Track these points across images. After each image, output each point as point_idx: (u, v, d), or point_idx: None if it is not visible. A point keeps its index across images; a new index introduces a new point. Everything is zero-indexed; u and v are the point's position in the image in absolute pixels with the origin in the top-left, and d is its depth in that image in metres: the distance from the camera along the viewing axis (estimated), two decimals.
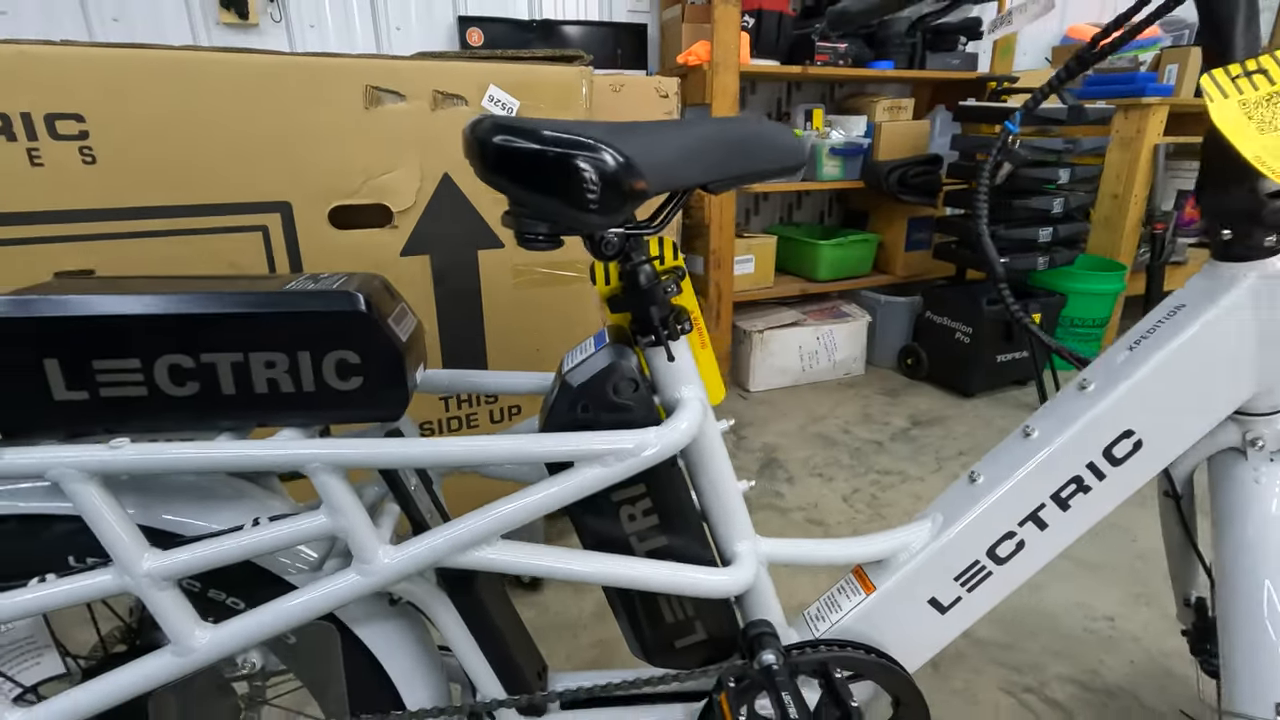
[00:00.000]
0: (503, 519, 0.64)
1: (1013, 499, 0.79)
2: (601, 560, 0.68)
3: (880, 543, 0.81)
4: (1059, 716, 1.29)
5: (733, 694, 0.61)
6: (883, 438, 2.42)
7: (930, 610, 0.82)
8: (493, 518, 0.64)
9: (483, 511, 0.64)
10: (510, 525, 0.64)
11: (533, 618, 1.58)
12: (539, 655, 0.86)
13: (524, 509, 0.64)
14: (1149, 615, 1.54)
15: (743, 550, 0.76)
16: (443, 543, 0.64)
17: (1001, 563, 0.81)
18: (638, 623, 0.77)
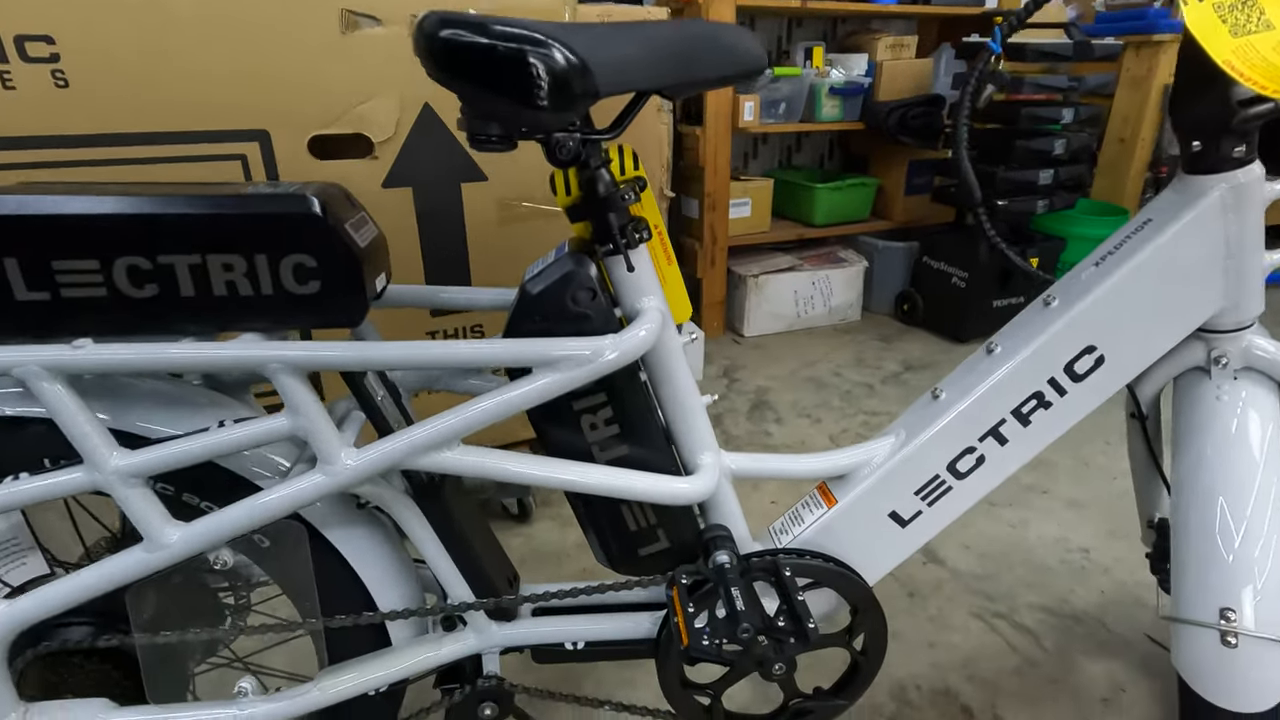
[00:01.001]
0: (463, 422, 0.65)
1: (974, 414, 0.80)
2: (561, 466, 0.70)
3: (843, 457, 0.83)
4: (1026, 639, 1.33)
5: (684, 590, 0.63)
6: (874, 381, 2.43)
7: (890, 524, 0.84)
8: (453, 421, 0.65)
9: (443, 415, 0.66)
10: (470, 428, 0.66)
11: (519, 546, 1.63)
12: (509, 565, 0.89)
13: (483, 412, 0.65)
14: (1123, 549, 1.57)
15: (705, 461, 0.77)
16: (404, 445, 0.65)
17: (961, 477, 0.82)
18: (602, 530, 0.79)
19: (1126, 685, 1.23)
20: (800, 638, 0.56)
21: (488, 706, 0.83)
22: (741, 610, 0.58)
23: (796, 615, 0.58)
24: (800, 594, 0.60)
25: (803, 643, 0.56)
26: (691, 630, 0.57)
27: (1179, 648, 0.79)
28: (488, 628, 0.83)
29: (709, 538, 0.68)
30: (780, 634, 0.57)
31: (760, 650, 0.54)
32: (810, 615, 0.58)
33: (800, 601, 0.59)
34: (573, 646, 0.86)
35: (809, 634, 0.56)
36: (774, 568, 0.65)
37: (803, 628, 0.57)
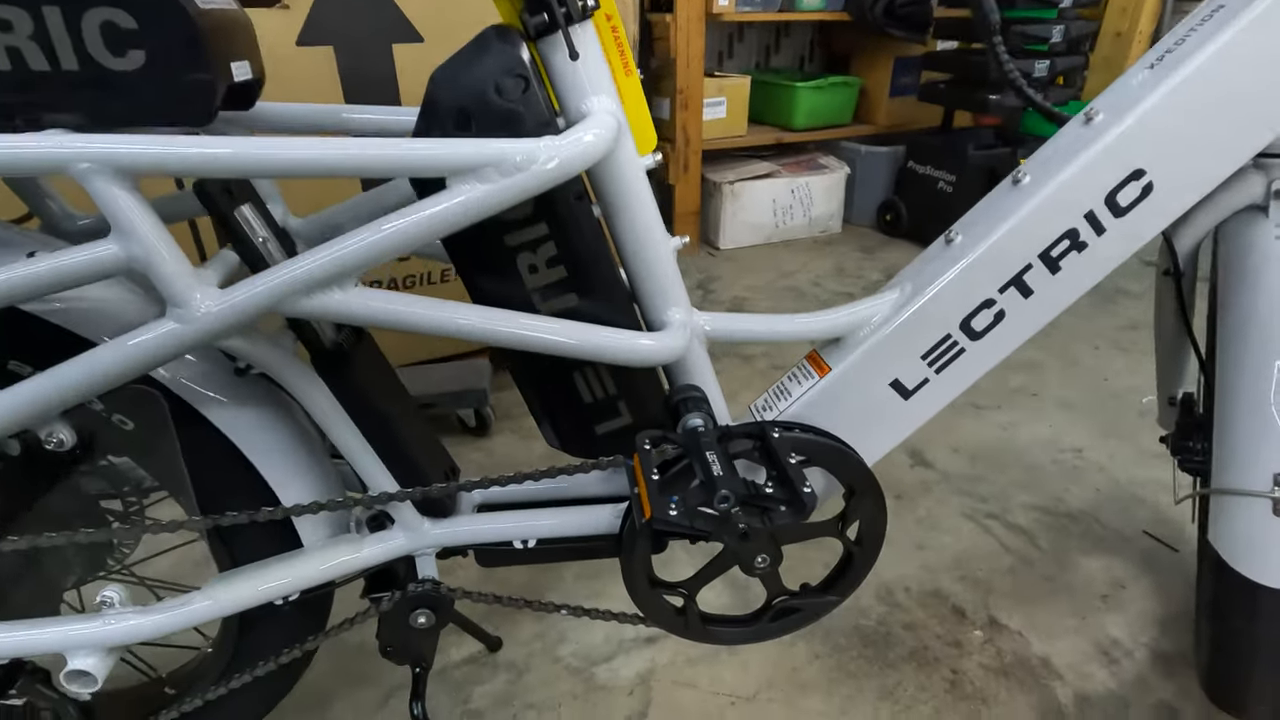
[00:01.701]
0: (356, 253, 0.50)
1: (994, 260, 0.67)
2: (494, 315, 0.55)
3: (838, 317, 0.69)
4: (1020, 538, 1.25)
5: (646, 456, 0.50)
6: (855, 289, 2.31)
7: (892, 395, 0.71)
8: (342, 250, 0.50)
9: (330, 244, 0.50)
10: (365, 260, 0.51)
11: (478, 461, 1.50)
12: (447, 457, 0.75)
13: (382, 240, 0.50)
14: (1117, 447, 1.50)
15: (674, 318, 0.63)
16: (279, 282, 0.50)
17: (976, 338, 0.70)
18: (550, 404, 0.65)
19: (1126, 581, 1.16)
20: (794, 506, 0.44)
21: (421, 614, 0.71)
22: (719, 475, 0.46)
23: (788, 479, 0.46)
24: (793, 457, 0.48)
25: (797, 511, 0.44)
26: (656, 499, 0.45)
27: (1220, 524, 0.69)
28: (419, 525, 0.70)
29: (678, 400, 0.55)
30: (768, 502, 0.45)
31: (743, 525, 0.42)
32: (805, 480, 0.46)
33: (793, 465, 0.47)
34: (523, 545, 0.73)
35: (804, 500, 0.44)
36: (759, 433, 0.52)
37: (796, 493, 0.44)
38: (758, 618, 0.74)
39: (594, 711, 0.96)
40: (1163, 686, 0.98)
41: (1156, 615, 1.09)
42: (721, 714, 0.95)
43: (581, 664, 1.03)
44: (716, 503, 0.45)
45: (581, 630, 1.08)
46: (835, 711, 0.95)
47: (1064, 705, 0.96)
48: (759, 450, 0.52)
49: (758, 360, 1.85)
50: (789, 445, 0.50)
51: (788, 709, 0.96)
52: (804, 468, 0.63)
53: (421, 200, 0.51)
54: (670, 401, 0.55)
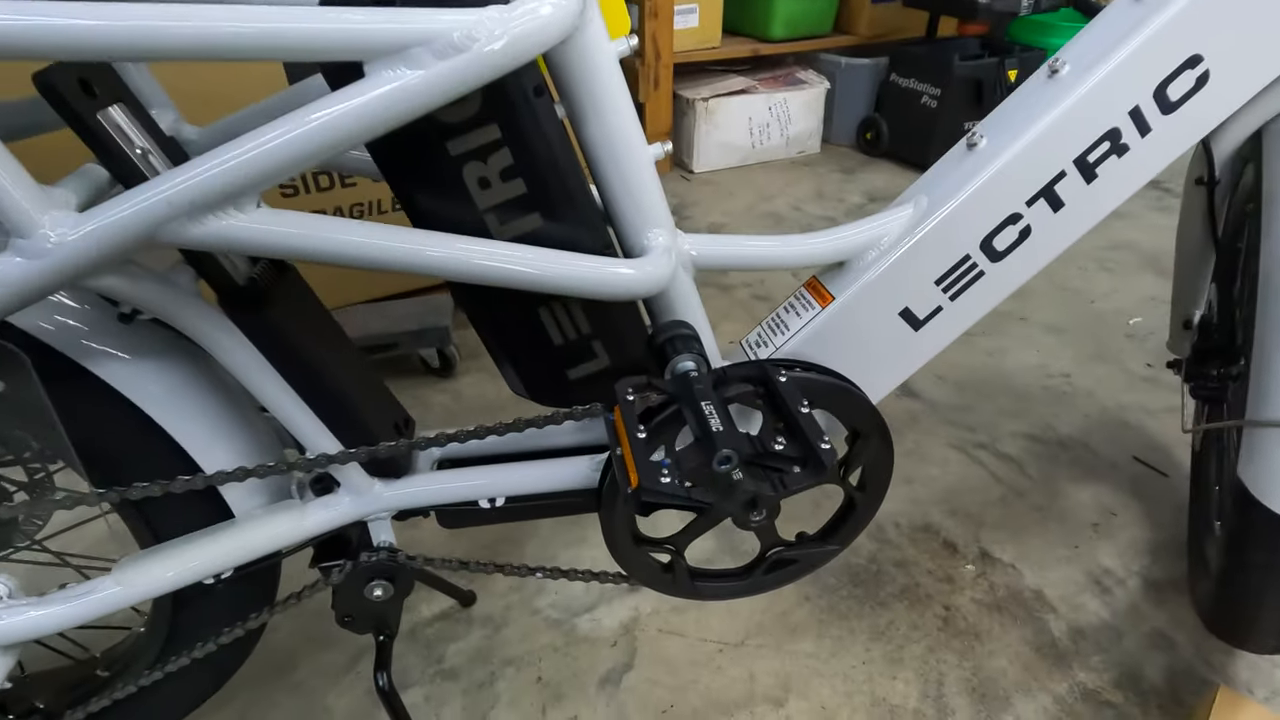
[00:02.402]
0: (249, 165, 0.39)
1: (1024, 166, 0.58)
2: (436, 242, 0.45)
3: (844, 238, 0.60)
4: (1010, 468, 1.22)
5: (630, 410, 0.42)
6: (837, 214, 2.21)
7: (901, 325, 0.63)
8: (232, 161, 0.39)
9: (219, 150, 0.39)
10: (262, 175, 0.40)
11: (444, 404, 1.41)
12: (398, 408, 0.66)
13: (281, 147, 0.39)
14: (1105, 371, 1.46)
15: (656, 242, 0.54)
16: (153, 204, 0.39)
17: (997, 259, 0.61)
18: (514, 347, 0.56)
19: (1116, 509, 1.13)
20: (810, 465, 0.36)
21: (377, 586, 0.63)
22: (718, 431, 0.37)
23: (801, 432, 0.38)
24: (804, 405, 0.40)
25: (814, 471, 0.36)
26: (644, 464, 0.37)
27: (1255, 457, 0.63)
28: (369, 488, 0.61)
29: (665, 339, 0.46)
30: (778, 461, 0.37)
31: (750, 492, 0.34)
32: (821, 433, 0.38)
33: (805, 415, 0.39)
34: (490, 504, 0.65)
35: (823, 458, 0.36)
36: (762, 376, 0.44)
37: (812, 450, 0.37)
38: (751, 570, 0.68)
39: (576, 665, 0.91)
40: (1155, 615, 0.96)
41: (1147, 542, 1.07)
42: (710, 662, 0.91)
43: (562, 615, 0.98)
44: (716, 464, 0.37)
45: (561, 584, 1.03)
46: (826, 654, 0.92)
47: (1058, 638, 0.94)
48: (762, 397, 0.44)
49: (737, 289, 1.76)
50: (796, 389, 0.42)
51: (778, 654, 0.92)
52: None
53: (334, 93, 0.40)
54: (655, 341, 0.46)
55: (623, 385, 0.44)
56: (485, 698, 0.88)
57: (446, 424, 1.37)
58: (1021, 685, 0.88)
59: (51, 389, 0.47)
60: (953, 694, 0.87)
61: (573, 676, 0.90)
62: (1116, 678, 0.89)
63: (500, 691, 0.88)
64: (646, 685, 0.89)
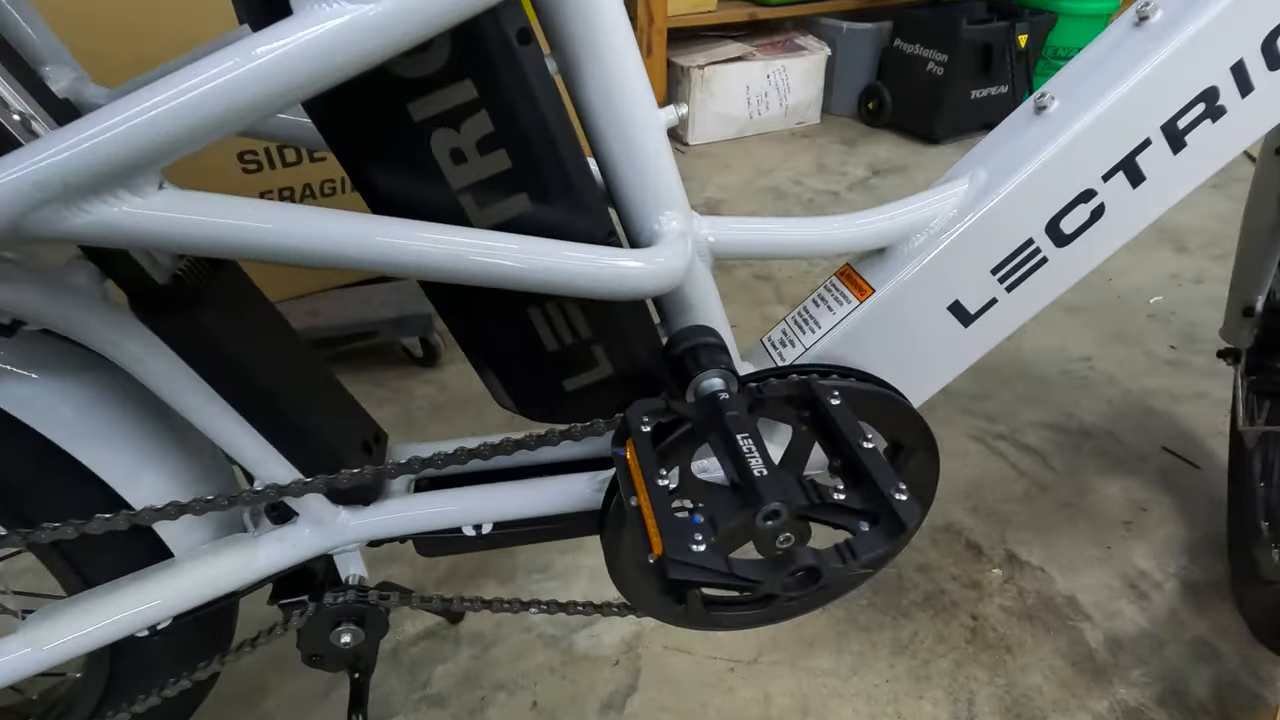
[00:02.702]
0: (146, 130, 0.29)
1: (1103, 134, 0.49)
2: (396, 231, 0.36)
3: (889, 220, 0.51)
4: (1033, 461, 1.14)
5: (644, 442, 0.33)
6: (839, 188, 2.11)
7: (950, 321, 0.55)
8: (124, 124, 0.29)
9: (100, 114, 0.29)
10: (163, 146, 0.30)
11: (429, 396, 1.31)
12: (365, 420, 0.57)
13: (186, 106, 0.29)
14: (1127, 353, 1.38)
15: (669, 227, 0.44)
16: (16, 182, 0.29)
17: (1064, 243, 0.53)
18: (497, 354, 0.47)
19: (1148, 504, 1.06)
20: (885, 521, 0.27)
21: (345, 631, 0.54)
22: (761, 476, 0.29)
23: (869, 478, 0.29)
24: (867, 439, 0.31)
25: (890, 531, 0.27)
26: (670, 525, 0.28)
27: None
28: (332, 518, 0.52)
29: (685, 350, 0.37)
30: (842, 517, 0.29)
31: (810, 563, 0.26)
32: (894, 478, 0.29)
33: (871, 451, 0.30)
34: (475, 531, 0.57)
35: (901, 514, 0.27)
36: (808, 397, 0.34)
37: (885, 502, 0.28)
38: (774, 597, 0.60)
39: (575, 688, 0.84)
40: (1196, 622, 0.90)
41: (1183, 541, 1.00)
42: (720, 682, 0.84)
43: (558, 631, 0.90)
44: (760, 520, 0.29)
45: (557, 591, 0.95)
46: (847, 671, 0.85)
47: (1095, 649, 0.87)
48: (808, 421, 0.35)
49: (736, 268, 1.66)
50: (853, 413, 0.33)
51: (794, 672, 0.85)
52: None
53: (250, 37, 0.30)
54: (673, 352, 0.37)
55: (636, 413, 0.35)
56: None
57: (432, 418, 1.28)
58: (1059, 703, 0.81)
59: None
60: (985, 714, 0.80)
61: (571, 701, 0.82)
62: (1160, 693, 0.82)
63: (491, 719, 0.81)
64: (652, 710, 0.81)
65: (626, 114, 0.41)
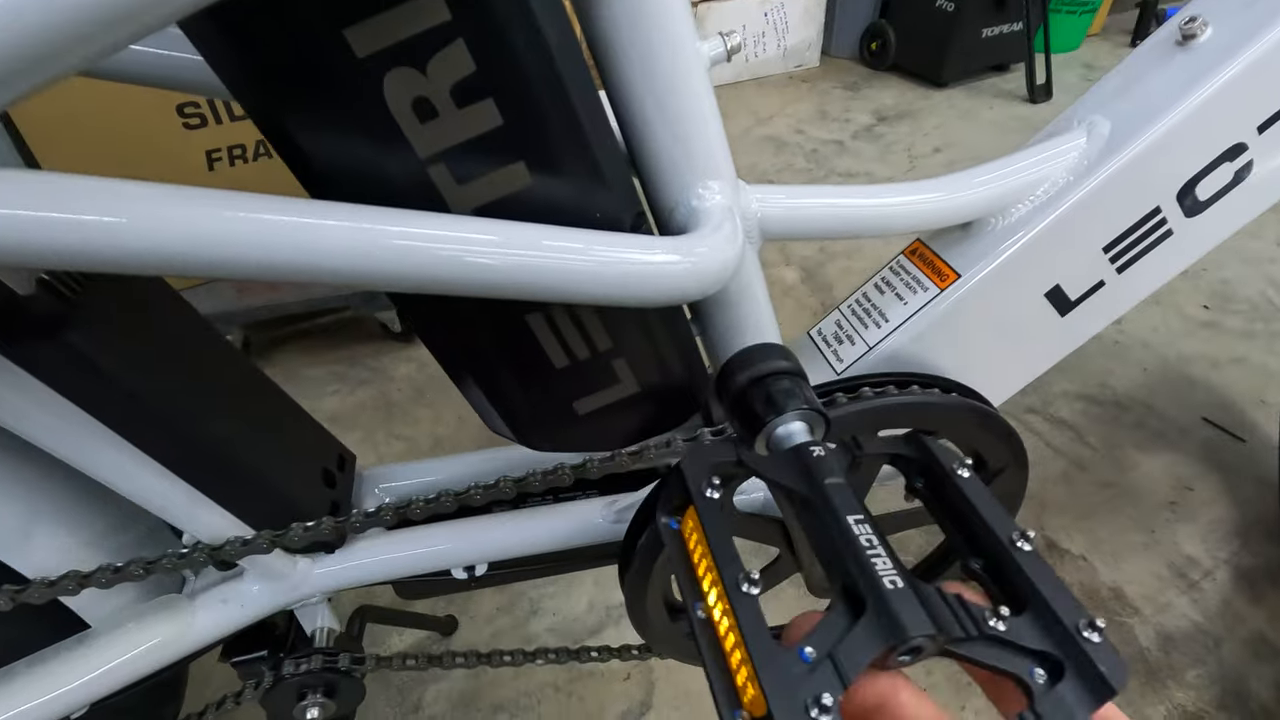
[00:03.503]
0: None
1: (1270, 70, 0.38)
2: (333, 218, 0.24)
3: (983, 186, 0.40)
4: (1067, 437, 1.06)
5: (714, 517, 0.22)
6: (843, 137, 1.98)
7: (1046, 310, 0.44)
8: None
9: None
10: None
11: (410, 375, 1.20)
12: (324, 443, 0.46)
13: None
14: (1160, 315, 1.29)
15: (711, 204, 0.33)
16: None
17: (1195, 211, 0.42)
18: (489, 374, 0.36)
19: (1191, 481, 0.99)
20: (1082, 678, 0.18)
21: (312, 706, 0.44)
22: (894, 589, 0.19)
23: (1047, 607, 0.19)
24: (1019, 537, 0.21)
25: (1093, 693, 0.18)
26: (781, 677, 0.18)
27: None
28: (289, 570, 0.42)
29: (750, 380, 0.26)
30: (1002, 659, 0.19)
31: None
32: (1078, 605, 0.20)
33: (1031, 557, 0.20)
34: (467, 574, 0.47)
35: (1109, 675, 0.18)
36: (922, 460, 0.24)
37: (1075, 644, 0.18)
38: None
39: (584, 707, 0.76)
40: (1253, 614, 0.83)
41: (1232, 523, 0.93)
42: None
43: (563, 643, 0.81)
44: (896, 655, 0.19)
45: (559, 598, 0.86)
46: None
47: (1146, 649, 0.80)
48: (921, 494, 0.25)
49: None
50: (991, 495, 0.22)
51: None
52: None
53: None
54: (733, 384, 0.26)
55: (698, 469, 0.23)
56: None
57: (414, 401, 1.17)
58: None
59: None
60: None
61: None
62: (1218, 696, 0.75)
63: None
64: None
65: (661, 48, 0.30)
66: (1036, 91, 2.10)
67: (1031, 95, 2.10)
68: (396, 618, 0.73)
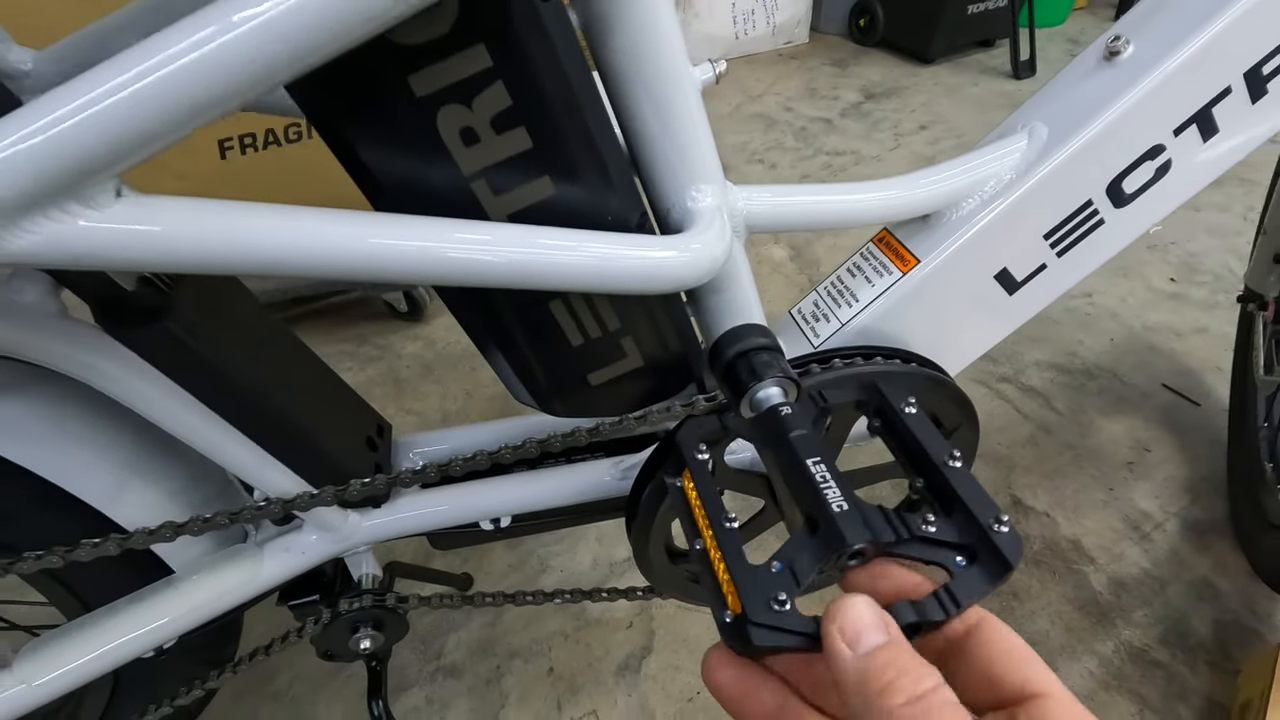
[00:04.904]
0: (95, 124, 0.23)
1: (1184, 82, 0.44)
2: (403, 231, 0.30)
3: (939, 183, 0.46)
4: (1036, 403, 1.14)
5: (704, 476, 0.29)
6: (831, 114, 2.02)
7: (995, 290, 0.51)
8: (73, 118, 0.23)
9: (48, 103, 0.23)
10: (130, 144, 0.24)
11: (418, 353, 1.26)
12: (366, 414, 0.52)
13: (143, 96, 0.23)
14: (1128, 288, 1.37)
15: (703, 205, 0.39)
16: None
17: (1123, 203, 0.48)
18: (517, 350, 0.42)
19: (1150, 443, 1.06)
20: (985, 558, 0.24)
21: (364, 637, 0.52)
22: (841, 511, 0.25)
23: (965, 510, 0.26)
24: (953, 457, 0.28)
25: (994, 571, 0.25)
26: (748, 580, 0.25)
27: None
28: (341, 522, 0.49)
29: (737, 354, 0.33)
30: (937, 553, 0.26)
31: (906, 617, 0.24)
32: (993, 505, 0.26)
33: (961, 472, 0.27)
34: (493, 526, 0.54)
35: (1005, 551, 0.24)
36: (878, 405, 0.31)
37: (986, 539, 0.25)
38: None
39: (590, 652, 0.84)
40: (1198, 561, 0.91)
41: (1184, 480, 1.01)
42: None
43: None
44: (842, 562, 0.26)
45: (564, 556, 0.93)
46: None
47: (1099, 592, 0.88)
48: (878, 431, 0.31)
49: None
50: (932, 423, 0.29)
51: None
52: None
53: (218, 2, 0.24)
54: (722, 358, 0.33)
55: (690, 439, 0.31)
56: (493, 696, 0.80)
57: (423, 378, 1.23)
58: (1065, 648, 0.83)
59: None
60: None
61: (587, 666, 0.82)
62: (1162, 634, 0.84)
63: (509, 688, 0.81)
64: (669, 671, 0.82)
65: (660, 73, 0.36)
66: (1020, 67, 2.14)
67: (1016, 71, 2.15)
68: (420, 573, 0.80)
